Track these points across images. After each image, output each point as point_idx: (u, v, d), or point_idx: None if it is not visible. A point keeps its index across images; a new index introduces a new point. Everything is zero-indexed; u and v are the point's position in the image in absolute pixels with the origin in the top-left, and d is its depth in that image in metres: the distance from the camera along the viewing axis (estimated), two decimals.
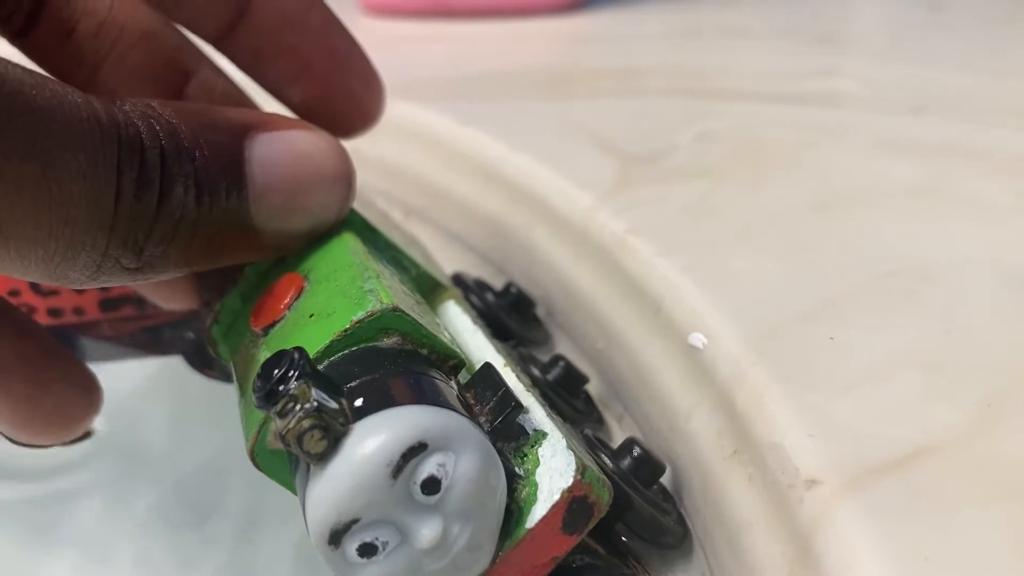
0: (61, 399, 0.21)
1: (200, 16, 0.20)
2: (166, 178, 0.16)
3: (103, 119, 0.15)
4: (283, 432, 0.14)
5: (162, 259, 0.16)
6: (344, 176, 0.19)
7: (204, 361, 0.30)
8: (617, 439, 0.24)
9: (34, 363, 0.20)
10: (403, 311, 0.17)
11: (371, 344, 0.16)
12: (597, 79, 0.42)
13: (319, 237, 0.19)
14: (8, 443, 0.29)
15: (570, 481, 0.16)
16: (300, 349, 0.15)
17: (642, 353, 0.23)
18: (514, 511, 0.16)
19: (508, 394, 0.17)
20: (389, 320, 0.17)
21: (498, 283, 0.31)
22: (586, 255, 0.26)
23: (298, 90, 0.21)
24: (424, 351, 0.17)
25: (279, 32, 0.20)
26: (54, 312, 0.31)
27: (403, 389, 0.16)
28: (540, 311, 0.28)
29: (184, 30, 0.22)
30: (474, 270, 0.32)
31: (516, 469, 0.17)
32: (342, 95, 0.21)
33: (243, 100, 0.23)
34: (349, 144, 0.39)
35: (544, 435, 0.17)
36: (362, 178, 0.38)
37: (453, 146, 0.35)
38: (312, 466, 0.15)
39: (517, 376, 0.19)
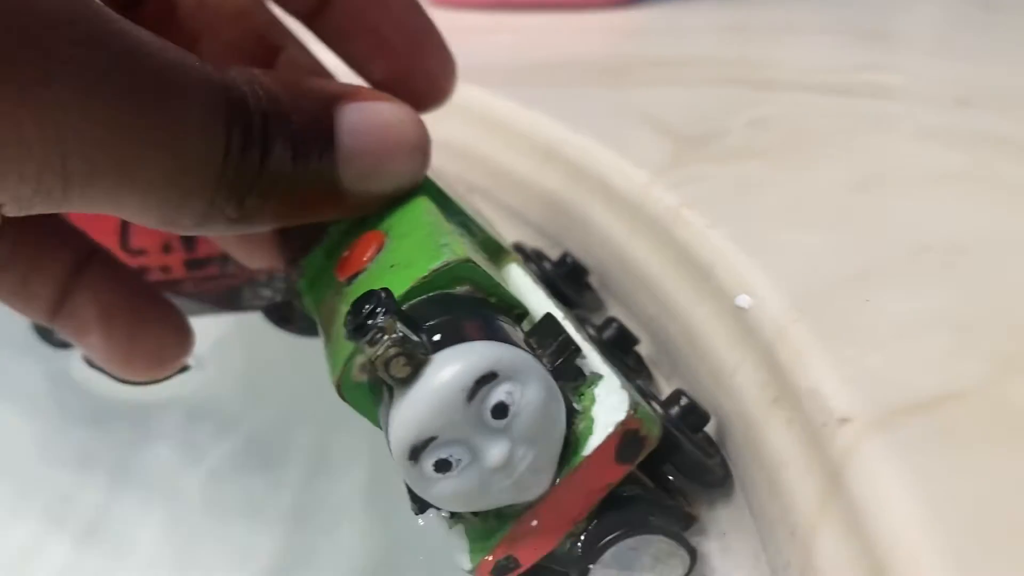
0: (158, 339, 0.23)
1: None
2: (268, 138, 0.18)
3: (216, 81, 0.17)
4: (372, 358, 0.16)
5: (259, 212, 0.18)
6: (422, 144, 0.21)
7: (283, 317, 0.32)
8: (666, 394, 0.26)
9: (135, 306, 0.22)
10: (475, 263, 0.19)
11: (446, 291, 0.18)
12: (652, 68, 0.44)
13: (398, 199, 0.21)
14: (96, 390, 0.31)
15: (623, 415, 0.18)
16: (386, 289, 0.17)
17: (692, 316, 0.25)
18: (572, 442, 0.18)
19: (567, 339, 0.19)
20: (463, 270, 0.18)
21: (555, 255, 0.33)
22: (641, 228, 0.28)
23: (378, 67, 0.22)
24: (493, 299, 0.19)
25: (363, 13, 0.22)
26: (142, 270, 0.34)
27: (476, 328, 0.18)
28: (593, 280, 0.30)
29: (275, 8, 0.24)
30: (532, 243, 0.34)
31: (575, 405, 0.18)
32: (419, 73, 0.23)
33: (325, 75, 0.25)
34: None
35: (600, 377, 0.19)
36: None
37: (515, 127, 0.37)
38: (396, 391, 0.17)
39: (575, 327, 0.21)
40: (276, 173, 0.18)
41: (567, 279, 0.29)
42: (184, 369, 0.24)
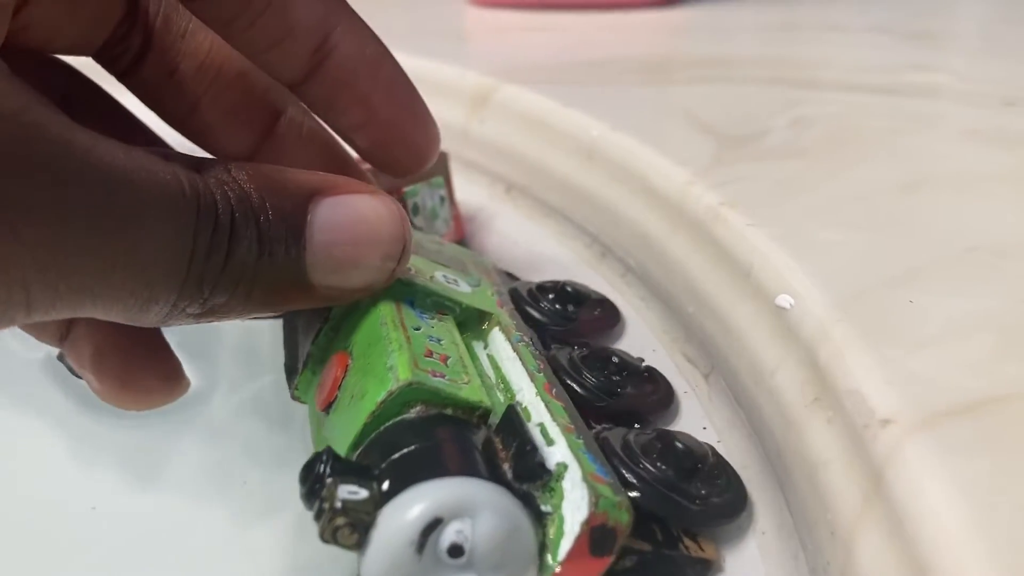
0: (146, 385, 0.23)
1: (281, 63, 0.21)
2: (233, 240, 0.18)
3: (186, 191, 0.17)
4: (320, 533, 0.17)
5: (224, 307, 0.18)
6: (398, 239, 0.20)
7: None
8: (704, 397, 0.26)
9: (126, 350, 0.22)
10: (419, 382, 0.19)
11: (399, 418, 0.19)
12: (694, 67, 0.43)
13: (361, 308, 0.21)
14: None
15: (586, 514, 0.17)
16: (328, 450, 0.17)
17: (731, 315, 0.25)
18: (548, 546, 0.18)
19: (526, 439, 0.18)
20: (408, 394, 0.19)
21: (593, 254, 0.33)
22: (681, 226, 0.28)
23: (364, 136, 0.22)
24: (448, 411, 0.19)
25: (352, 84, 0.21)
26: None
27: (422, 465, 0.18)
28: (627, 281, 0.30)
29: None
30: (572, 241, 0.35)
31: (542, 507, 0.18)
32: (402, 142, 0.23)
33: (327, 138, 0.25)
34: (459, 123, 0.42)
35: (566, 467, 0.18)
36: (469, 156, 0.40)
37: (557, 126, 0.37)
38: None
39: (547, 404, 0.20)
40: (239, 271, 0.18)
41: (565, 314, 0.28)
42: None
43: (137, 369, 0.23)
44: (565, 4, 0.58)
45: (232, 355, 0.28)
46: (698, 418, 0.25)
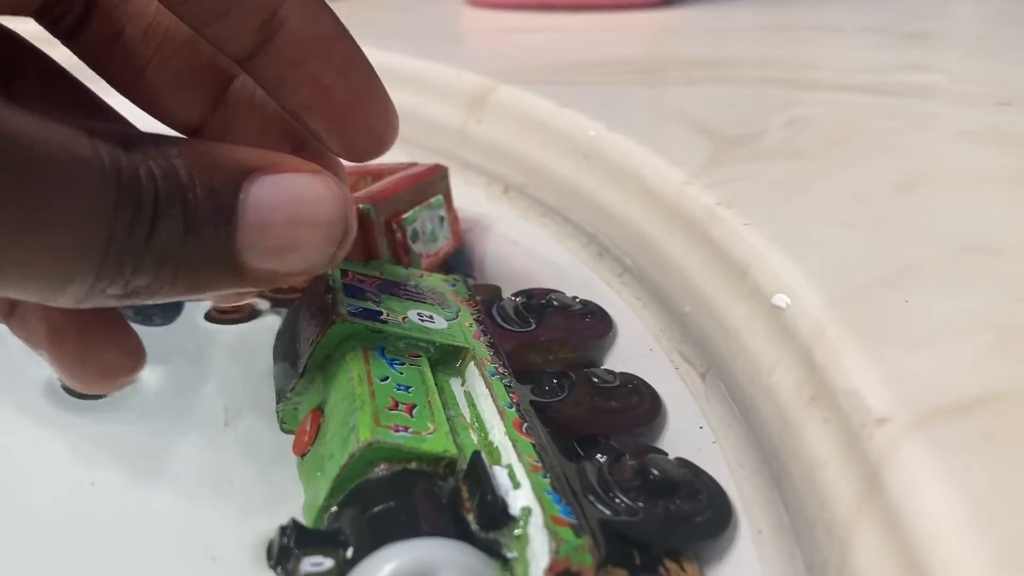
0: (107, 361, 0.22)
1: (226, 37, 0.20)
2: (156, 218, 0.17)
3: (106, 166, 0.16)
4: None
5: (147, 289, 0.18)
6: (339, 222, 0.19)
7: None
8: (701, 396, 0.26)
9: (87, 326, 0.22)
10: (380, 441, 0.19)
11: (364, 478, 0.19)
12: (691, 68, 0.44)
13: (334, 361, 0.22)
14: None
15: (547, 561, 0.17)
16: (292, 522, 0.18)
17: (728, 314, 0.25)
18: None
19: (488, 488, 0.19)
20: (370, 454, 0.19)
21: (590, 254, 0.33)
22: (678, 226, 0.28)
23: (316, 118, 0.21)
24: (412, 465, 0.19)
25: (302, 62, 0.20)
26: None
27: (385, 529, 0.18)
28: (625, 277, 0.30)
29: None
30: (569, 241, 0.35)
31: (508, 554, 0.18)
32: (358, 126, 0.21)
33: (275, 112, 0.23)
34: (456, 124, 0.42)
35: (530, 512, 0.18)
36: (466, 156, 0.40)
37: (554, 126, 0.37)
38: None
39: (515, 443, 0.20)
40: (163, 250, 0.17)
41: (554, 320, 0.28)
42: (133, 382, 0.24)
43: (97, 343, 0.22)
44: (562, 4, 0.58)
45: (232, 354, 0.28)
46: (694, 417, 0.25)
